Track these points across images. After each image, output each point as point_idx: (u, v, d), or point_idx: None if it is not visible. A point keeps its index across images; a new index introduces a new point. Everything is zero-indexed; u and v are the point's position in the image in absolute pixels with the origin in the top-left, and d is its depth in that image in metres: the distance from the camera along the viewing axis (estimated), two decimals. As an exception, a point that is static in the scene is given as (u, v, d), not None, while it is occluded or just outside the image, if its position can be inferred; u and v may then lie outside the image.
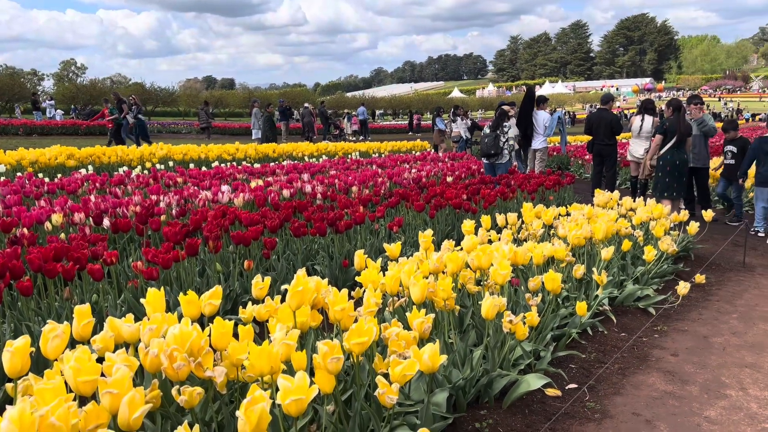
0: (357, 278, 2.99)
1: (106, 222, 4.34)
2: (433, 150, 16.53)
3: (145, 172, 8.15)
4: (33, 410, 1.43)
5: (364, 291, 2.86)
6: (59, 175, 7.56)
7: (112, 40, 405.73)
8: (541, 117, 9.92)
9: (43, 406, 1.50)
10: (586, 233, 4.40)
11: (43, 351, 1.91)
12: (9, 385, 1.93)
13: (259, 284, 2.80)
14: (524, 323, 2.85)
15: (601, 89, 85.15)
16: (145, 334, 2.08)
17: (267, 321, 2.56)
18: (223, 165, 9.32)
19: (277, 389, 1.70)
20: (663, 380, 3.25)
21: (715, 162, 9.73)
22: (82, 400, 1.71)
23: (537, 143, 9.96)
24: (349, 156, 12.73)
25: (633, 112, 19.71)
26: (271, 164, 9.64)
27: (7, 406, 1.42)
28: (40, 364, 2.59)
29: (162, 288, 2.41)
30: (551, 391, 3.00)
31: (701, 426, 2.77)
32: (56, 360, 1.91)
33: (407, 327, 2.57)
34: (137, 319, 2.23)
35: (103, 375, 1.77)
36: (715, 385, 3.22)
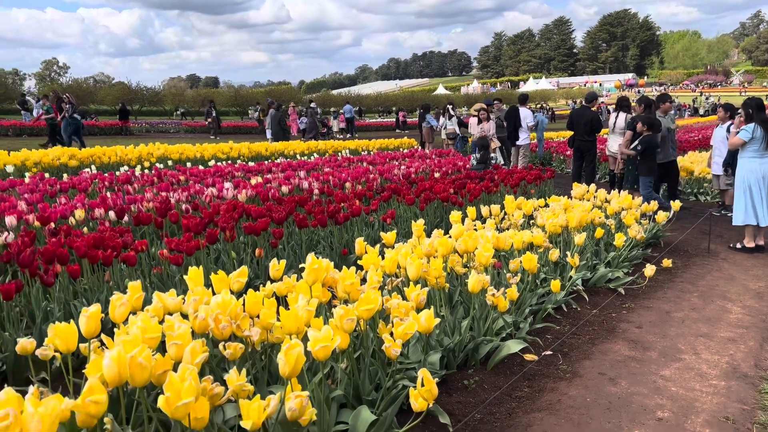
0: (354, 265, 3.43)
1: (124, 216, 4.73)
2: (420, 147, 16.97)
3: (146, 171, 8.51)
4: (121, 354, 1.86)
5: (365, 272, 3.31)
6: (65, 175, 7.91)
7: (93, 38, 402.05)
8: (524, 114, 10.42)
9: (127, 353, 1.92)
10: (562, 222, 4.87)
11: (111, 316, 2.33)
12: (82, 345, 2.34)
13: (276, 266, 3.23)
14: (505, 297, 3.31)
15: (585, 85, 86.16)
16: (191, 303, 2.51)
17: (285, 296, 2.99)
18: (219, 163, 9.70)
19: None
20: (627, 347, 3.73)
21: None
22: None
23: (520, 139, 10.44)
24: (340, 154, 13.15)
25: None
26: (266, 162, 10.04)
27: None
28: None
29: (189, 270, 2.83)
30: (529, 356, 3.47)
31: (657, 382, 3.24)
32: (123, 323, 2.34)
33: (405, 300, 3.01)
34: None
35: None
36: (672, 351, 3.70)
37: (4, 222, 4.37)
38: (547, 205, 5.83)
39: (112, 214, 4.71)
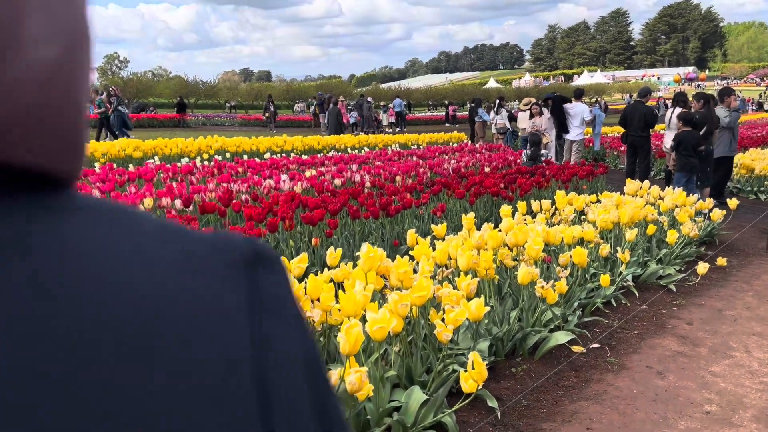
0: (406, 255, 3.58)
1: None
2: (470, 141, 16.95)
3: (205, 162, 8.89)
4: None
5: (416, 262, 3.46)
6: (130, 165, 8.35)
7: (152, 33, 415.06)
8: (580, 108, 10.31)
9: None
10: (613, 218, 4.89)
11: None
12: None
13: (333, 254, 3.41)
14: (554, 290, 3.40)
15: (642, 78, 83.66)
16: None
17: (341, 282, 3.17)
18: (274, 156, 10.02)
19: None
20: (676, 343, 3.75)
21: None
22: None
23: (573, 135, 10.36)
24: (390, 148, 13.32)
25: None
26: (319, 156, 10.30)
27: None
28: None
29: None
30: (576, 348, 3.54)
31: (705, 378, 3.27)
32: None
33: (455, 290, 3.14)
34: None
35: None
36: (723, 348, 3.70)
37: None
38: (598, 201, 5.83)
39: (178, 202, 5.01)
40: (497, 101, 15.97)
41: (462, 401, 2.44)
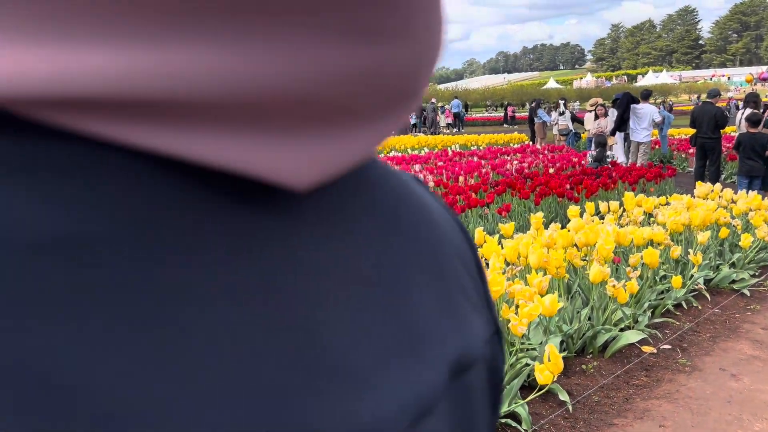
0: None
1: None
2: (530, 142, 16.78)
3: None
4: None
5: (485, 261, 3.55)
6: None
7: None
8: (649, 110, 10.09)
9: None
10: (684, 220, 4.83)
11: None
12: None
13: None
14: (625, 290, 3.42)
15: (711, 79, 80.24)
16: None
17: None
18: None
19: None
20: (751, 347, 3.69)
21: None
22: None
23: (641, 136, 10.15)
24: (450, 149, 13.38)
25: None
26: (380, 155, 10.48)
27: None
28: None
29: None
30: (647, 348, 3.55)
31: (782, 382, 3.22)
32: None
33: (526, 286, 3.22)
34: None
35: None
36: (801, 354, 3.62)
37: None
38: (668, 204, 5.75)
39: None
40: (560, 102, 15.74)
41: (536, 392, 2.53)
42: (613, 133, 10.51)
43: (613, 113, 10.93)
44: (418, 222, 0.26)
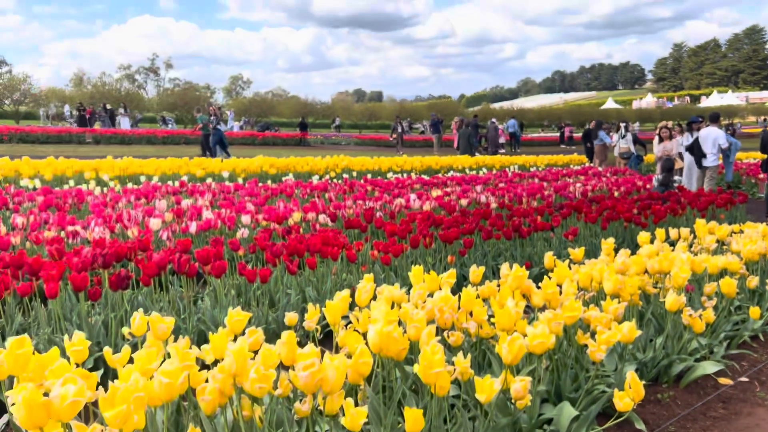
0: (538, 277, 3.70)
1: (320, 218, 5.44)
2: (590, 163, 16.51)
3: (334, 180, 9.43)
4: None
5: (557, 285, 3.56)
6: (268, 181, 9.05)
7: (273, 55, 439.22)
8: (716, 134, 9.82)
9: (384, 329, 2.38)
10: (760, 249, 4.69)
11: (357, 300, 2.85)
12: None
13: (476, 272, 3.60)
14: (701, 319, 3.37)
15: (780, 100, 76.90)
16: (414, 296, 2.97)
17: (486, 298, 3.35)
18: (397, 176, 10.42)
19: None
20: (835, 384, 3.56)
21: None
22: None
23: (708, 161, 9.88)
24: (509, 170, 13.34)
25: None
26: (440, 175, 10.57)
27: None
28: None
29: (413, 268, 3.29)
30: (724, 380, 3.47)
31: None
32: (366, 308, 2.85)
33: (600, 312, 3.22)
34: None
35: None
36: None
37: (241, 219, 5.26)
38: (741, 231, 5.60)
39: (322, 217, 5.43)
40: (622, 124, 15.48)
41: (614, 420, 2.53)
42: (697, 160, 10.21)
43: (679, 136, 10.68)
44: None
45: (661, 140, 11.00)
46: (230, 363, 1.98)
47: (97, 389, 1.72)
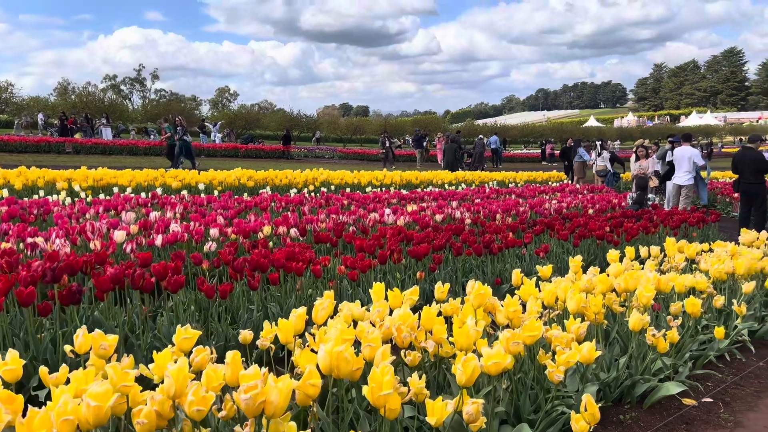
0: (507, 294, 3.65)
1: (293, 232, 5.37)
2: (569, 181, 16.63)
3: (311, 194, 9.36)
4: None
5: (521, 302, 3.52)
6: (245, 194, 8.96)
7: (260, 68, 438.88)
8: (689, 153, 9.93)
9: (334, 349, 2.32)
10: (728, 268, 4.71)
11: (314, 318, 2.79)
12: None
13: (441, 288, 3.54)
14: (665, 339, 3.35)
15: (758, 121, 78.47)
16: (373, 313, 2.90)
17: (450, 316, 3.29)
18: (375, 190, 10.37)
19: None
20: (799, 405, 3.55)
21: None
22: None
23: (682, 180, 9.98)
24: (487, 185, 13.36)
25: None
26: (418, 190, 10.55)
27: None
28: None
29: (374, 285, 3.23)
30: (688, 401, 3.44)
31: (832, 444, 3.08)
32: (323, 325, 2.78)
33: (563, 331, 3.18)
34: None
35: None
36: None
37: (209, 232, 5.17)
38: (711, 250, 5.62)
39: (293, 231, 5.36)
40: (597, 143, 15.65)
41: (571, 442, 2.48)
42: (662, 180, 10.35)
43: (653, 154, 10.78)
44: None
45: (637, 159, 11.10)
46: (169, 384, 1.91)
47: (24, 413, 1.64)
